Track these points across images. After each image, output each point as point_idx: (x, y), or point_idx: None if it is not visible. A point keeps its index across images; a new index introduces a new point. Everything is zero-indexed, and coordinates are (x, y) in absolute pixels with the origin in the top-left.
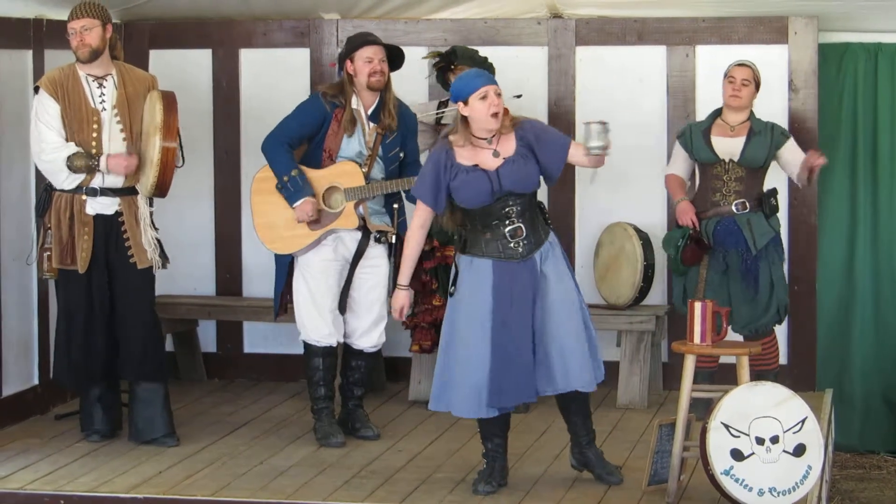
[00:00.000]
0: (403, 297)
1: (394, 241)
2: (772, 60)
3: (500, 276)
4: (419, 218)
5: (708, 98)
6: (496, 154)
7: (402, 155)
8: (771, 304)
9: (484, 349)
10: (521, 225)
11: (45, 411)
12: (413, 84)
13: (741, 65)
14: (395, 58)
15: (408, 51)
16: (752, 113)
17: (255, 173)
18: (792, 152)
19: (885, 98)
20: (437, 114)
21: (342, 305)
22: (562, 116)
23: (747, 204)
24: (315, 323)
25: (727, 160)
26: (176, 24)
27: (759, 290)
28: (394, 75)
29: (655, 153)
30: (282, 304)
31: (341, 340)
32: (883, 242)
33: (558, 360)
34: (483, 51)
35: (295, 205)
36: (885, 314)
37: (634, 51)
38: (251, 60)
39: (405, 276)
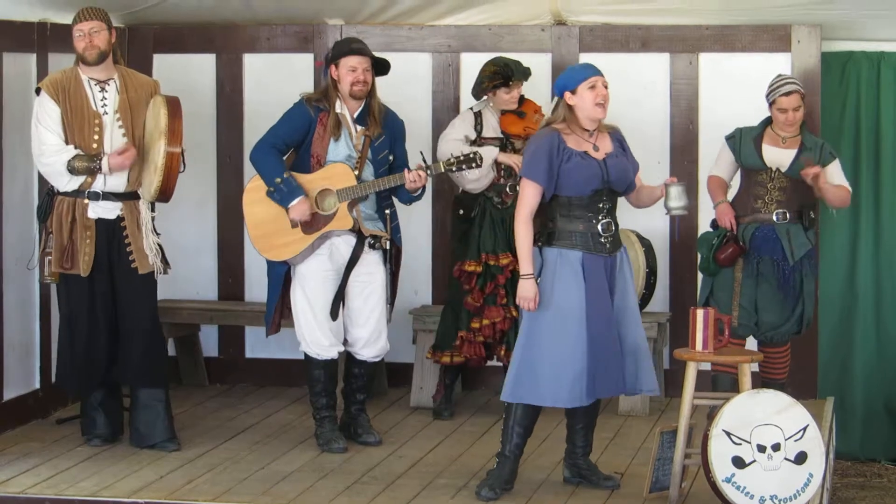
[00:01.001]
0: (530, 287)
1: (388, 246)
2: (775, 68)
3: (589, 268)
4: (528, 207)
5: (711, 106)
6: (596, 148)
7: (391, 158)
8: (794, 315)
9: (581, 339)
10: (611, 221)
11: (47, 415)
12: (417, 88)
13: (789, 93)
14: (382, 65)
15: (412, 57)
16: (803, 126)
17: (247, 184)
18: (833, 171)
19: (887, 106)
20: (458, 160)
21: (334, 312)
22: None
23: (787, 214)
24: (315, 336)
25: (774, 169)
26: (180, 29)
27: (793, 300)
28: (399, 80)
29: (658, 161)
30: (274, 321)
31: (342, 350)
32: (885, 250)
33: (631, 362)
34: (487, 57)
35: (290, 205)
36: (887, 322)
37: (638, 58)
38: (255, 65)
39: (526, 265)
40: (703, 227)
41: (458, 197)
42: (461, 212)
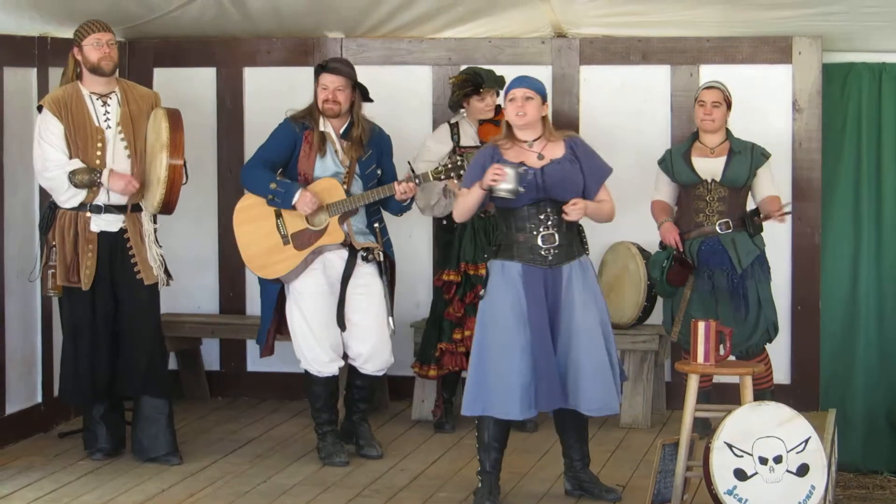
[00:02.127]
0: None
1: (381, 258)
2: (776, 80)
3: (528, 280)
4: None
5: None
6: (540, 157)
7: (379, 173)
8: (759, 324)
9: (525, 351)
10: (555, 233)
11: (49, 429)
12: (417, 101)
13: (710, 87)
14: (363, 88)
15: (412, 70)
16: (728, 133)
17: (237, 204)
18: (764, 173)
19: (889, 118)
20: (443, 169)
21: (341, 322)
22: None
23: (731, 223)
24: (314, 353)
25: (709, 180)
26: (180, 43)
27: (748, 309)
28: (399, 93)
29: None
30: (268, 343)
31: (342, 365)
32: (886, 262)
33: (572, 379)
34: None
35: (294, 202)
36: (889, 334)
37: (639, 70)
38: (255, 79)
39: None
40: None
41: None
42: (444, 222)
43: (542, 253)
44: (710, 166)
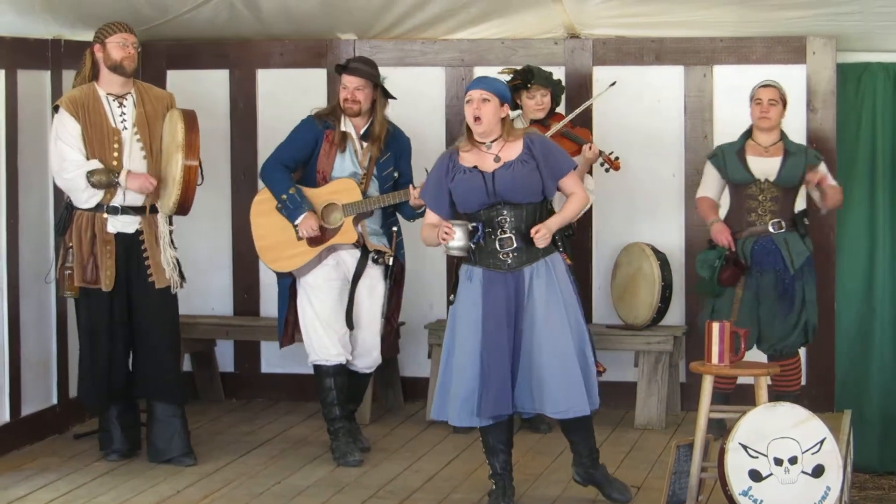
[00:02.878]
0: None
1: (391, 262)
2: (790, 80)
3: (487, 286)
4: (428, 218)
5: (726, 118)
6: (497, 159)
7: (396, 175)
8: (799, 324)
9: (475, 358)
10: (512, 236)
11: (64, 431)
12: (430, 103)
13: (766, 85)
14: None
15: (425, 71)
16: (783, 133)
17: (255, 197)
18: (822, 172)
19: None
20: None
21: (349, 321)
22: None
23: (783, 223)
24: (322, 342)
25: (763, 180)
26: (193, 45)
27: (793, 309)
28: (412, 94)
29: (673, 173)
30: (286, 333)
31: (350, 359)
32: None
33: (536, 383)
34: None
35: (297, 222)
36: None
37: (652, 71)
38: (268, 81)
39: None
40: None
41: None
42: None
43: (501, 257)
44: (764, 166)
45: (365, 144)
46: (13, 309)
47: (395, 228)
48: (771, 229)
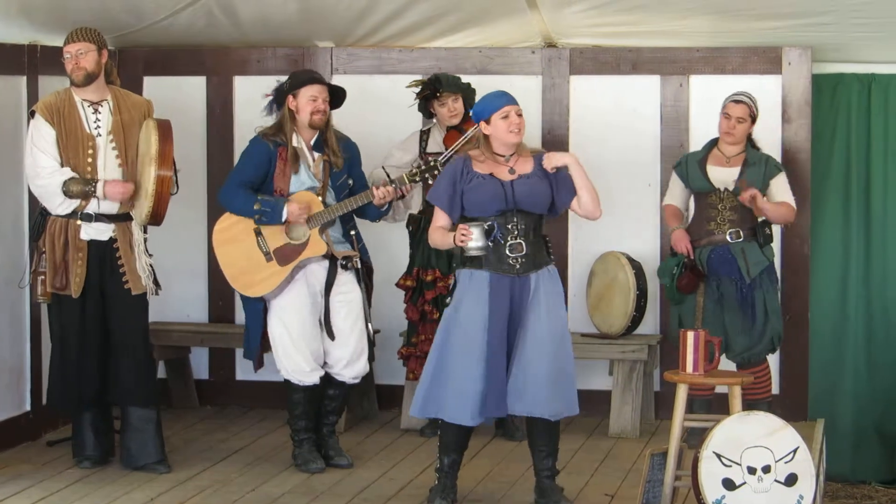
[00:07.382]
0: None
1: (359, 265)
2: (765, 91)
3: (495, 289)
4: (436, 224)
5: (702, 127)
6: (512, 171)
7: (350, 182)
8: (765, 333)
9: (481, 358)
10: (522, 242)
11: (37, 437)
12: (407, 111)
13: (738, 101)
14: (336, 95)
15: (402, 79)
16: (748, 144)
17: (215, 226)
18: (777, 186)
19: (878, 128)
20: (417, 170)
21: (329, 332)
22: (555, 145)
23: (741, 233)
24: (295, 361)
25: (722, 189)
26: (170, 52)
27: (755, 318)
28: (389, 102)
29: (649, 183)
30: (259, 358)
31: (322, 374)
32: (875, 273)
33: (531, 385)
34: (477, 79)
35: (284, 217)
36: (877, 345)
37: (628, 80)
38: (245, 88)
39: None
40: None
41: (411, 214)
42: (410, 228)
43: (510, 262)
44: (724, 175)
45: (317, 155)
46: None
47: (353, 233)
48: (728, 238)
